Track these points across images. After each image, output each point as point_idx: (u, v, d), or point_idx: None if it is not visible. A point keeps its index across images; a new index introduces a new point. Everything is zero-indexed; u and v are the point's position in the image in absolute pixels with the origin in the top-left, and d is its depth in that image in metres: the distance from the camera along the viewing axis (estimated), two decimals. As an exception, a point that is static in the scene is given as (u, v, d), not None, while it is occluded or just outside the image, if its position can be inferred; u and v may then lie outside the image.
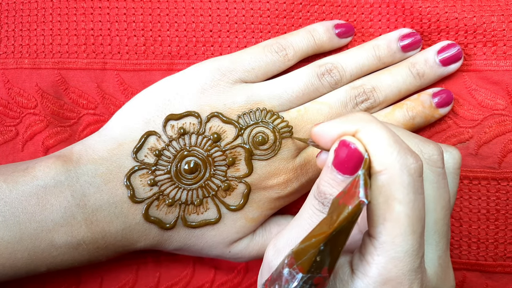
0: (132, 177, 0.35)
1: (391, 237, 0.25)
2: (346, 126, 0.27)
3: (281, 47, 0.38)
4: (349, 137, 0.27)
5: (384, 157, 0.25)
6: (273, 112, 0.37)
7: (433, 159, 0.28)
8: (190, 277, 0.43)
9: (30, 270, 0.34)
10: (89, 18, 0.40)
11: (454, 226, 0.41)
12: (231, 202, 0.37)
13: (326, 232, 0.24)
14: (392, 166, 0.25)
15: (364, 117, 0.27)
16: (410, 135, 0.29)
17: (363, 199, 0.24)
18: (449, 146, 0.32)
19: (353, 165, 0.26)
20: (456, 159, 0.31)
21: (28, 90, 0.40)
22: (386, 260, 0.26)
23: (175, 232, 0.37)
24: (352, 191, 0.25)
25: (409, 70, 0.39)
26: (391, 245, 0.25)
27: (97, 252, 0.35)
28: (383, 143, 0.26)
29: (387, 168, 0.25)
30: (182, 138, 0.36)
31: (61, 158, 0.35)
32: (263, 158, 0.37)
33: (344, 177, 0.27)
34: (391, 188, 0.25)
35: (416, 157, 0.26)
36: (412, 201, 0.25)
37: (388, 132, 0.26)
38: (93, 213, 0.34)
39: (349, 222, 0.24)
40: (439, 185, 0.28)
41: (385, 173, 0.25)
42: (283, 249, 0.29)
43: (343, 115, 0.29)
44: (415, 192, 0.25)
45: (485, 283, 0.41)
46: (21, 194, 0.33)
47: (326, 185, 0.27)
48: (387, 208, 0.25)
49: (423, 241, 0.26)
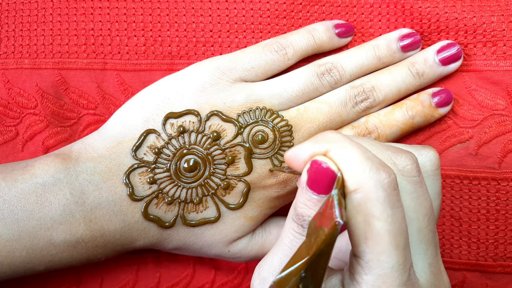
0: (131, 175, 0.35)
1: (375, 255, 0.25)
2: (316, 146, 0.27)
3: (281, 47, 0.38)
4: (320, 157, 0.27)
5: (356, 175, 0.25)
6: (273, 111, 0.37)
7: (407, 170, 0.28)
8: (190, 278, 0.43)
9: (28, 268, 0.34)
10: (89, 18, 0.40)
11: (454, 226, 0.41)
12: (230, 201, 0.37)
13: (305, 257, 0.23)
14: (366, 183, 0.25)
15: (334, 136, 0.27)
16: (382, 148, 0.29)
17: (338, 220, 0.24)
18: (425, 147, 0.32)
19: (327, 183, 0.26)
20: (433, 160, 0.31)
21: (28, 90, 0.40)
22: (374, 278, 0.26)
23: (175, 231, 0.37)
24: (328, 212, 0.24)
25: (409, 69, 0.39)
26: (376, 263, 0.25)
27: (95, 250, 0.35)
28: (355, 161, 0.26)
29: (361, 187, 0.25)
30: (181, 136, 0.36)
31: (60, 156, 0.35)
32: (263, 157, 0.37)
33: (320, 197, 0.26)
34: (368, 206, 0.25)
35: (389, 171, 0.26)
36: (390, 216, 0.25)
37: (358, 149, 0.26)
38: (92, 211, 0.34)
39: (327, 245, 0.24)
40: (418, 194, 0.28)
41: (360, 191, 0.25)
42: (267, 278, 0.29)
43: (315, 136, 0.29)
44: (392, 207, 0.25)
45: (485, 283, 0.41)
46: (20, 192, 0.33)
47: (302, 207, 0.27)
48: (367, 227, 0.25)
49: (408, 253, 0.26)
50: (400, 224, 0.26)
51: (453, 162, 0.40)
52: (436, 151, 0.31)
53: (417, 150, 0.31)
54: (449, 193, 0.40)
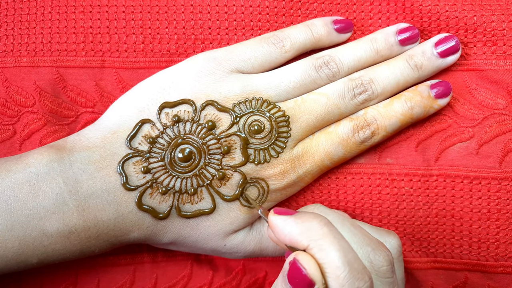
0: (126, 164, 0.35)
1: None
2: (299, 237, 0.29)
3: (278, 39, 0.38)
4: (302, 257, 0.28)
5: (334, 278, 0.27)
6: (270, 101, 0.37)
7: (382, 270, 0.30)
8: (187, 279, 0.43)
9: (21, 261, 0.33)
10: (87, 16, 0.40)
11: (455, 226, 0.40)
12: (226, 192, 0.37)
13: None
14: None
15: (318, 228, 0.29)
16: (363, 242, 0.31)
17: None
18: (389, 234, 0.34)
19: (304, 287, 0.28)
20: (396, 248, 0.33)
21: (26, 88, 0.40)
22: None
23: (169, 222, 0.36)
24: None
25: (407, 62, 0.39)
26: None
27: (89, 241, 0.34)
28: (334, 265, 0.27)
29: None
30: (176, 125, 0.36)
31: (55, 147, 0.35)
32: (259, 147, 0.37)
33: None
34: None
35: (364, 278, 0.28)
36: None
37: (339, 252, 0.28)
38: (85, 200, 0.34)
39: None
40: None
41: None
42: None
43: (302, 217, 0.30)
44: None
45: (486, 284, 0.40)
46: (13, 181, 0.33)
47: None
48: None
49: None
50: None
51: (454, 162, 0.40)
52: (398, 238, 0.34)
53: (382, 236, 0.33)
54: (449, 193, 0.40)
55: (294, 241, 0.29)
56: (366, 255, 0.30)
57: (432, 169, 0.40)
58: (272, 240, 0.33)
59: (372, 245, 0.31)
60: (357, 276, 0.27)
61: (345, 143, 0.38)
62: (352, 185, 0.41)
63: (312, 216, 0.30)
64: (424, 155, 0.41)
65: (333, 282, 0.27)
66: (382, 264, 0.30)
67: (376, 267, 0.30)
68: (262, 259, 0.43)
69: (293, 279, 0.28)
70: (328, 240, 0.28)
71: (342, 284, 0.27)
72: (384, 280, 0.30)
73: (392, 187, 0.41)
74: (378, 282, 0.30)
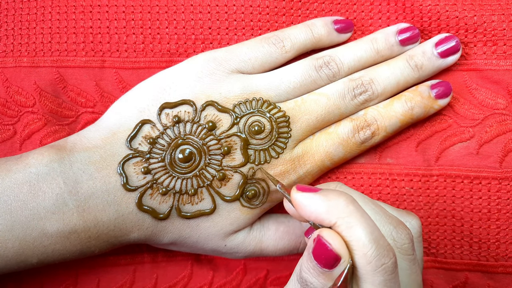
0: (126, 165, 0.35)
1: None
2: (326, 215, 0.29)
3: (278, 39, 0.38)
4: (327, 234, 0.28)
5: (360, 255, 0.27)
6: (270, 102, 0.37)
7: (405, 248, 0.30)
8: (188, 279, 0.43)
9: (21, 261, 0.33)
10: (88, 16, 0.40)
11: (455, 226, 0.40)
12: (226, 193, 0.37)
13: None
14: (366, 267, 0.27)
15: (345, 206, 0.29)
16: (385, 220, 0.31)
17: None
18: (409, 214, 0.34)
19: (330, 262, 0.28)
20: (417, 228, 0.34)
21: (27, 88, 0.40)
22: None
23: (169, 223, 0.36)
24: None
25: (407, 62, 0.39)
26: None
27: (89, 242, 0.34)
28: (361, 242, 0.27)
29: (362, 268, 0.28)
30: (176, 126, 0.36)
31: (55, 147, 0.35)
32: (260, 148, 0.37)
33: (324, 270, 0.28)
34: None
35: (390, 254, 0.28)
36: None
37: (365, 229, 0.28)
38: (86, 201, 0.34)
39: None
40: (412, 271, 0.31)
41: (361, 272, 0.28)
42: None
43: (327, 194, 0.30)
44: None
45: (487, 284, 0.40)
46: (14, 182, 0.33)
47: (307, 272, 0.29)
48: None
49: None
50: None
51: (454, 162, 0.40)
52: (418, 219, 0.34)
53: (402, 216, 0.33)
54: (450, 193, 0.40)
55: (320, 218, 0.29)
56: (389, 233, 0.30)
57: (432, 169, 0.40)
58: (291, 215, 0.33)
59: (394, 223, 0.31)
60: (383, 253, 0.27)
61: (345, 143, 0.38)
62: (352, 185, 0.41)
63: (338, 194, 0.30)
64: (425, 155, 0.41)
65: (360, 259, 0.27)
66: (404, 241, 0.30)
67: (399, 244, 0.30)
68: (263, 258, 0.43)
69: (318, 256, 0.28)
70: (355, 217, 0.28)
71: (369, 261, 0.27)
72: (406, 257, 0.30)
73: (392, 187, 0.41)
74: (400, 259, 0.30)
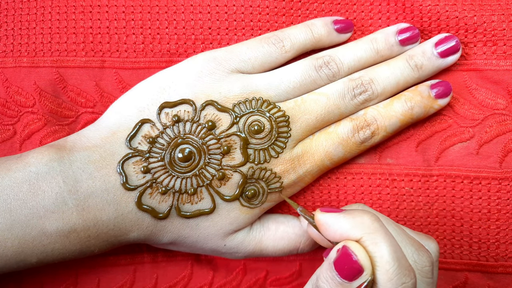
0: (125, 164, 0.35)
1: None
2: (351, 231, 0.29)
3: (278, 39, 0.38)
4: (353, 245, 0.29)
5: (382, 272, 0.28)
6: (270, 101, 0.37)
7: (425, 270, 0.31)
8: (188, 279, 0.43)
9: (20, 260, 0.33)
10: (87, 16, 0.40)
11: (455, 226, 0.40)
12: (225, 192, 0.37)
13: None
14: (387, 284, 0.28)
15: (370, 223, 0.30)
16: (407, 241, 0.31)
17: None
18: (428, 238, 0.34)
19: (352, 274, 0.28)
20: (435, 253, 0.34)
21: (27, 88, 0.40)
22: None
23: (169, 222, 0.36)
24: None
25: (407, 62, 0.39)
26: None
27: (88, 241, 0.34)
28: (385, 259, 0.28)
29: (382, 284, 0.28)
30: (176, 125, 0.36)
31: (55, 146, 0.35)
32: (259, 148, 0.37)
33: (342, 281, 0.28)
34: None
35: (411, 274, 0.28)
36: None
37: (390, 247, 0.29)
38: (85, 200, 0.34)
39: None
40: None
41: None
42: None
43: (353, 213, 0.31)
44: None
45: (487, 284, 0.40)
46: (13, 181, 0.33)
47: (324, 282, 0.29)
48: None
49: None
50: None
51: (454, 162, 0.40)
52: (437, 243, 0.35)
53: (422, 240, 0.34)
54: (450, 193, 0.40)
55: (345, 235, 0.30)
56: (411, 254, 0.31)
57: (432, 169, 0.40)
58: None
59: (416, 245, 0.32)
60: (404, 272, 0.28)
61: (345, 143, 0.38)
62: (352, 185, 0.41)
63: (363, 212, 0.31)
64: (424, 155, 0.41)
65: (382, 275, 0.28)
66: (425, 264, 0.31)
67: (419, 266, 0.31)
68: (263, 259, 0.43)
69: (341, 266, 0.28)
70: (380, 234, 0.29)
71: (390, 278, 0.28)
72: (425, 280, 0.31)
73: (392, 187, 0.41)
74: (419, 281, 0.31)
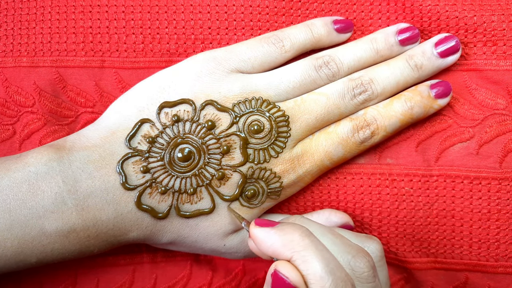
0: (125, 164, 0.35)
1: None
2: (281, 249, 0.29)
3: (278, 39, 0.38)
4: (284, 267, 0.29)
5: None
6: (269, 101, 0.37)
7: (364, 276, 0.31)
8: (187, 280, 0.43)
9: (19, 260, 0.33)
10: (87, 16, 0.40)
11: (455, 226, 0.40)
12: (225, 192, 0.36)
13: None
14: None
15: (300, 240, 0.30)
16: (343, 249, 0.31)
17: None
18: (368, 239, 0.34)
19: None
20: (376, 252, 0.34)
21: (26, 88, 0.40)
22: None
23: (169, 222, 0.36)
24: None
25: (407, 62, 0.39)
26: None
27: (88, 241, 0.34)
28: (317, 275, 0.28)
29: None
30: (176, 125, 0.36)
31: (54, 146, 0.35)
32: (259, 147, 0.37)
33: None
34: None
35: (347, 285, 0.29)
36: None
37: (321, 262, 0.28)
38: (85, 199, 0.34)
39: None
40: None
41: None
42: None
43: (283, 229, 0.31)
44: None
45: (487, 284, 0.40)
46: (13, 180, 0.33)
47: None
48: None
49: None
50: None
51: (454, 162, 0.40)
52: (379, 242, 0.35)
53: (362, 242, 0.34)
54: (450, 193, 0.40)
55: (277, 253, 0.30)
56: (347, 263, 0.31)
57: (432, 169, 0.40)
58: (254, 252, 0.33)
59: (353, 252, 0.31)
60: (340, 285, 0.28)
61: (345, 143, 0.38)
62: (352, 185, 0.41)
63: (294, 228, 0.30)
64: (424, 155, 0.41)
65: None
66: (363, 270, 0.31)
67: (357, 273, 0.31)
68: (262, 259, 0.43)
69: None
70: (310, 251, 0.29)
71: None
72: (366, 285, 0.31)
73: (392, 188, 0.41)
74: (361, 287, 0.31)
